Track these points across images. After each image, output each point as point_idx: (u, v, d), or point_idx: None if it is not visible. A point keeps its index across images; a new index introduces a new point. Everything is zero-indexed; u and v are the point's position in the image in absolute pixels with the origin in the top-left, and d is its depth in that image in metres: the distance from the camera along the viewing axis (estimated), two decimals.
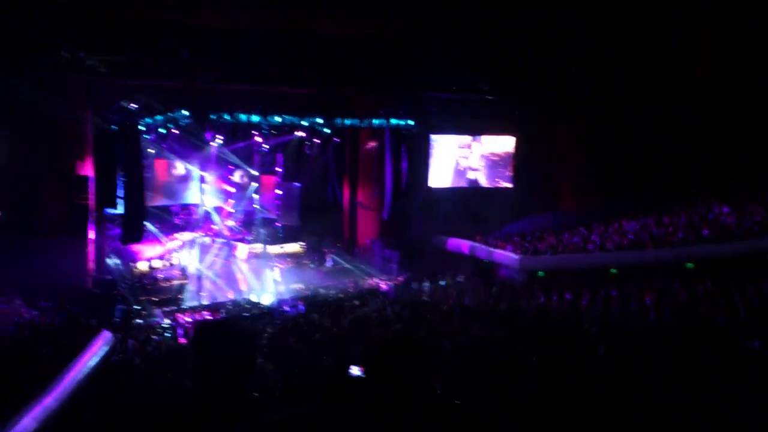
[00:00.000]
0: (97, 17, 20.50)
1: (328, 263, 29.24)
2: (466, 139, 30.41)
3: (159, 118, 24.14)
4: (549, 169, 30.03)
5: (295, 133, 27.86)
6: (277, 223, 31.51)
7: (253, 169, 30.22)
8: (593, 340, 12.26)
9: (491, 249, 25.83)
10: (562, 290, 21.75)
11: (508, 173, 30.90)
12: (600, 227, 25.45)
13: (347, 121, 26.85)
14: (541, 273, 24.03)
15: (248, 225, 30.79)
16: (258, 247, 29.62)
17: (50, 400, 11.61)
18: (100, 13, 20.50)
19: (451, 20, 23.27)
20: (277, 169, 31.48)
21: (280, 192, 31.76)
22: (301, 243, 30.40)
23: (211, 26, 22.24)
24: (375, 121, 27.35)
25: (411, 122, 27.56)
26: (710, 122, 25.45)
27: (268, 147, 29.41)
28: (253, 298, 24.52)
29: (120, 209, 23.82)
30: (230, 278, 26.74)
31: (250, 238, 30.05)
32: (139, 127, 23.60)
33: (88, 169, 23.47)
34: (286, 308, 22.42)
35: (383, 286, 26.31)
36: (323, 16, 22.82)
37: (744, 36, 24.54)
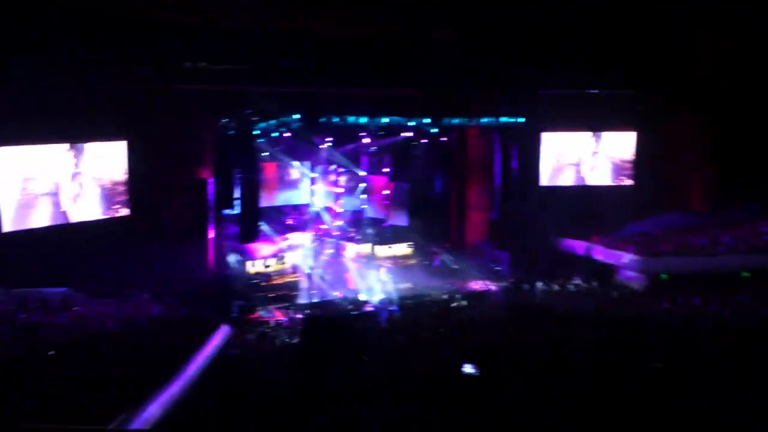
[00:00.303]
0: (213, 29, 21.39)
1: (436, 263, 29.15)
2: (582, 135, 29.48)
3: (272, 122, 24.90)
4: (672, 167, 28.53)
5: (402, 133, 27.98)
6: (385, 224, 31.73)
7: (362, 170, 30.59)
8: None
9: (609, 250, 24.96)
10: (687, 294, 20.75)
11: (627, 171, 29.68)
12: (730, 228, 24.08)
13: (455, 120, 26.66)
14: (663, 276, 23.05)
15: (357, 225, 31.18)
16: (366, 247, 29.94)
17: (174, 389, 12.18)
18: (215, 25, 21.36)
19: (564, 12, 22.62)
20: (384, 169, 31.71)
21: (388, 192, 31.97)
22: (409, 243, 30.48)
23: (326, 34, 22.68)
24: (483, 120, 27.01)
25: (522, 119, 26.99)
26: None
27: (375, 148, 29.69)
28: (361, 297, 24.81)
29: (236, 210, 24.79)
30: (339, 277, 27.17)
31: (358, 237, 30.42)
32: (254, 131, 24.43)
33: (206, 173, 24.57)
34: (382, 310, 22.54)
35: (492, 287, 25.93)
36: (433, 21, 22.79)
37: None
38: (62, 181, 21.23)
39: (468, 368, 7.50)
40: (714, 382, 9.65)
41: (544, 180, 29.31)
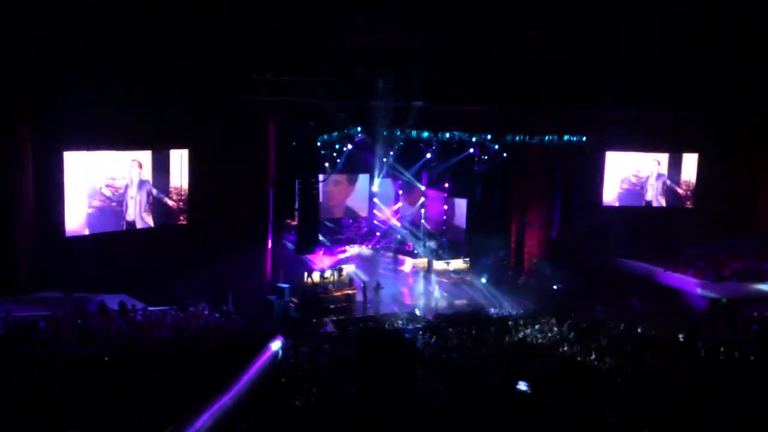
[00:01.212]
0: (282, 42, 21.60)
1: (492, 281, 28.78)
2: (646, 156, 28.87)
3: (335, 134, 25.08)
4: (738, 190, 27.69)
5: (465, 151, 27.85)
6: (443, 238, 31.57)
7: (422, 184, 30.54)
8: None
9: (669, 273, 24.33)
10: (748, 320, 20.09)
11: (690, 193, 28.94)
12: None
13: (517, 138, 26.35)
14: (723, 301, 22.43)
15: (415, 239, 31.11)
16: (423, 262, 29.82)
17: (226, 399, 12.24)
18: (285, 38, 21.58)
19: (633, 34, 22.13)
20: (444, 184, 31.61)
21: (447, 207, 31.86)
22: (466, 258, 30.24)
23: (388, 46, 22.68)
24: (546, 138, 26.63)
25: (584, 138, 26.53)
26: None
27: (436, 163, 29.60)
28: (417, 312, 24.68)
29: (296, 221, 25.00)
30: (396, 291, 27.09)
31: (416, 251, 30.34)
32: (316, 143, 24.64)
33: (267, 183, 24.82)
34: (436, 326, 22.30)
35: (549, 306, 25.44)
36: (500, 36, 22.51)
37: None
38: (124, 188, 21.69)
39: (522, 385, 7.36)
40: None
41: (606, 200, 28.78)
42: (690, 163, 28.84)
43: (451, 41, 22.43)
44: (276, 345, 17.41)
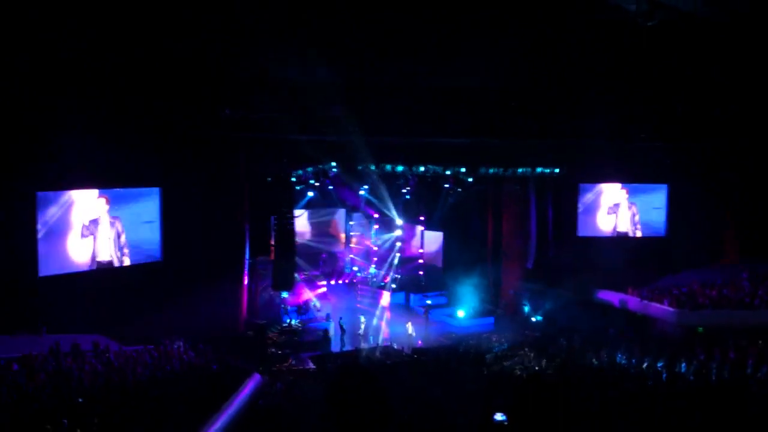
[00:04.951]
0: (254, 78, 21.69)
1: (471, 313, 28.76)
2: (617, 187, 29.26)
3: (309, 169, 25.12)
4: (708, 219, 28.06)
5: (441, 184, 28.07)
6: (419, 272, 31.56)
7: (398, 217, 30.57)
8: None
9: (645, 302, 24.48)
10: (725, 348, 20.19)
11: (663, 223, 29.29)
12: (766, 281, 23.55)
13: (491, 170, 26.59)
14: (700, 329, 22.57)
15: (392, 272, 31.07)
16: (400, 296, 29.78)
17: None
18: (254, 74, 21.66)
19: (602, 65, 22.52)
20: (420, 218, 31.71)
21: (423, 240, 31.91)
22: (443, 291, 30.21)
23: (361, 81, 22.87)
24: (519, 170, 26.91)
25: (557, 170, 26.85)
26: None
27: (411, 195, 29.74)
28: (395, 346, 24.57)
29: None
30: (373, 325, 26.97)
31: (393, 285, 30.28)
32: (290, 178, 24.67)
33: (242, 219, 24.72)
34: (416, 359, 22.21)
35: (527, 338, 25.47)
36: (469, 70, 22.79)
37: None
38: (97, 227, 21.49)
39: (499, 416, 7.44)
40: None
41: (581, 230, 29.03)
42: (663, 193, 29.21)
43: (422, 74, 22.67)
44: (252, 383, 17.23)
